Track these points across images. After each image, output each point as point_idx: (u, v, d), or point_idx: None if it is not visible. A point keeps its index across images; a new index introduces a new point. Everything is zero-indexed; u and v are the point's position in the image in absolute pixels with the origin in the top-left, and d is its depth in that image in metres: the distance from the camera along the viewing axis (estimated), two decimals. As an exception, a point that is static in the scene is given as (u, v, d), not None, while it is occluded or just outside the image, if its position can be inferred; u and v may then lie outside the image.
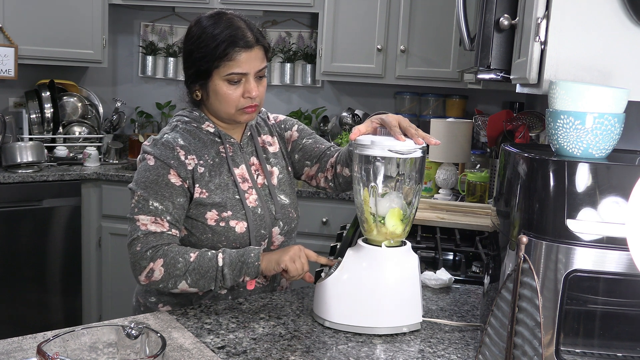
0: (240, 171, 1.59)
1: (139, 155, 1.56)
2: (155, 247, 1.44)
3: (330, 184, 1.71)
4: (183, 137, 1.55)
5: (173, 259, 1.43)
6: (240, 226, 1.54)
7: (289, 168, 1.71)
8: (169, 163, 1.50)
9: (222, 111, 1.54)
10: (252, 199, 1.58)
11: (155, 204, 1.47)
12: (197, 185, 1.52)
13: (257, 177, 1.62)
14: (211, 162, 1.55)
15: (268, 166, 1.65)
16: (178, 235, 1.50)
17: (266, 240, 1.59)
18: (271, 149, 1.68)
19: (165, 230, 1.47)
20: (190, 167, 1.51)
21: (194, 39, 1.52)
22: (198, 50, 1.50)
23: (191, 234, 1.54)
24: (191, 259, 1.44)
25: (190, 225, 1.54)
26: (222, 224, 1.52)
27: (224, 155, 1.57)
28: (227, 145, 1.58)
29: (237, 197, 1.55)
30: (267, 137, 1.69)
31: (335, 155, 1.69)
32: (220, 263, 1.44)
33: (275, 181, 1.65)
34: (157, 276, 1.44)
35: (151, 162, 1.51)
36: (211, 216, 1.52)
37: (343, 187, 1.70)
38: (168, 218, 1.47)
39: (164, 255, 1.44)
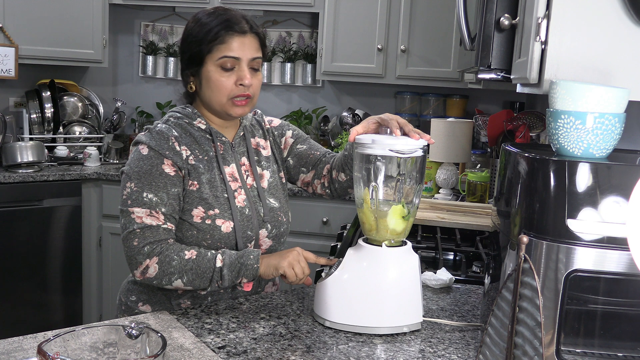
0: (230, 170, 1.58)
1: (132, 145, 1.55)
2: (153, 244, 1.44)
3: (327, 190, 1.71)
4: (176, 130, 1.54)
5: (168, 257, 1.44)
6: (226, 226, 1.52)
7: (281, 173, 1.70)
8: (163, 153, 1.49)
9: (215, 100, 1.53)
10: (240, 198, 1.57)
11: (150, 196, 1.46)
12: (190, 175, 1.51)
13: (246, 178, 1.61)
14: (201, 158, 1.54)
15: (259, 169, 1.64)
16: (173, 228, 1.50)
17: (252, 242, 1.58)
18: (264, 152, 1.67)
19: (160, 223, 1.46)
20: (184, 157, 1.51)
21: (190, 27, 1.55)
22: (192, 36, 1.52)
23: (177, 230, 1.53)
24: (186, 257, 1.44)
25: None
26: (207, 221, 1.51)
27: (214, 153, 1.56)
28: (218, 144, 1.57)
29: (225, 195, 1.54)
30: (260, 140, 1.68)
31: (332, 161, 1.69)
32: (219, 264, 1.44)
33: (265, 184, 1.63)
34: (152, 273, 1.45)
35: (145, 151, 1.50)
36: (197, 213, 1.51)
37: (339, 192, 1.70)
38: (163, 210, 1.47)
39: (160, 253, 1.44)
